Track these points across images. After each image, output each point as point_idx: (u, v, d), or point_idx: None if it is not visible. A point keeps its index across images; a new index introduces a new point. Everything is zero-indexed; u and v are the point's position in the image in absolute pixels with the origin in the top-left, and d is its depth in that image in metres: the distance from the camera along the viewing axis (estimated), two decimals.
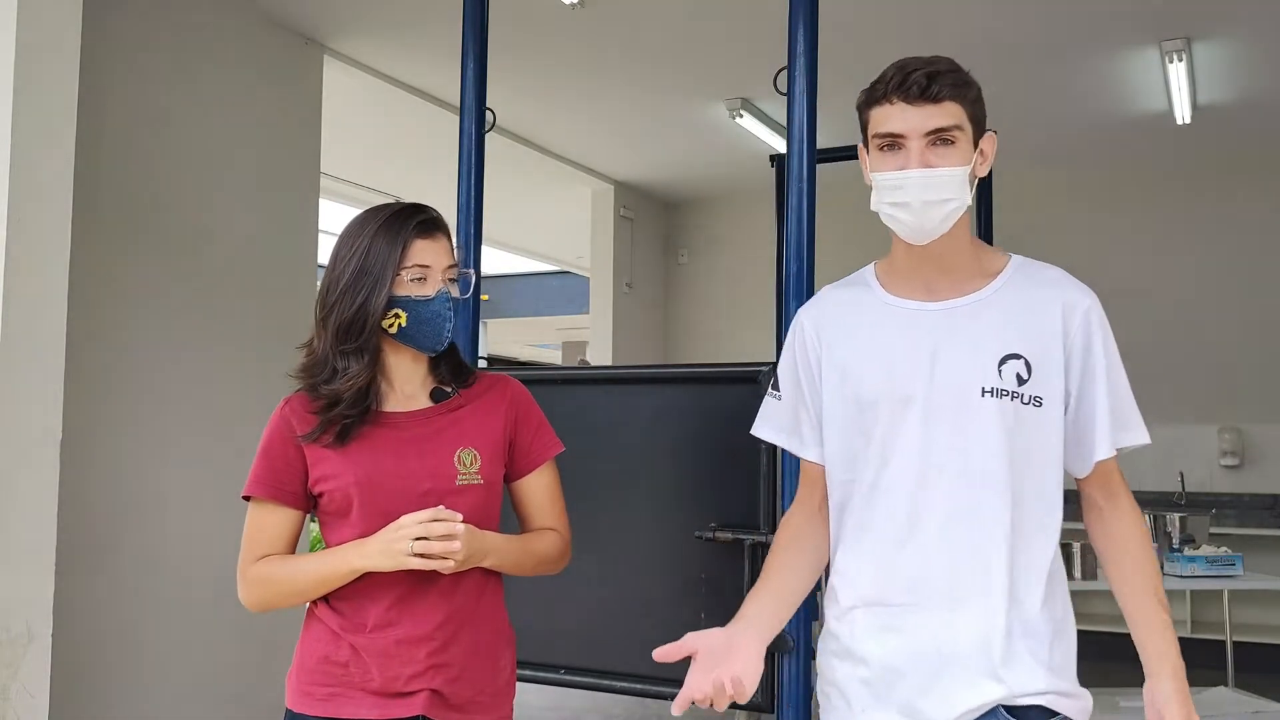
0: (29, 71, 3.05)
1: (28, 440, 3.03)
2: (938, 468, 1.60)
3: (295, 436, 1.76)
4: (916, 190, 1.58)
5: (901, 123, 1.59)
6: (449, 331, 1.77)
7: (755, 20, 4.76)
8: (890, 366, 1.64)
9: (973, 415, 1.59)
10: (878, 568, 1.63)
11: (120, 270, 4.25)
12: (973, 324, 1.62)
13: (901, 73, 1.60)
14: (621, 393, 2.54)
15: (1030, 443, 1.60)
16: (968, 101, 1.61)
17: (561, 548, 1.89)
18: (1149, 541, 1.71)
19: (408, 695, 1.71)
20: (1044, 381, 1.60)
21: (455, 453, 1.77)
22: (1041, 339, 1.61)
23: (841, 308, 1.74)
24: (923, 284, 1.67)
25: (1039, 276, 1.67)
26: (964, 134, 1.61)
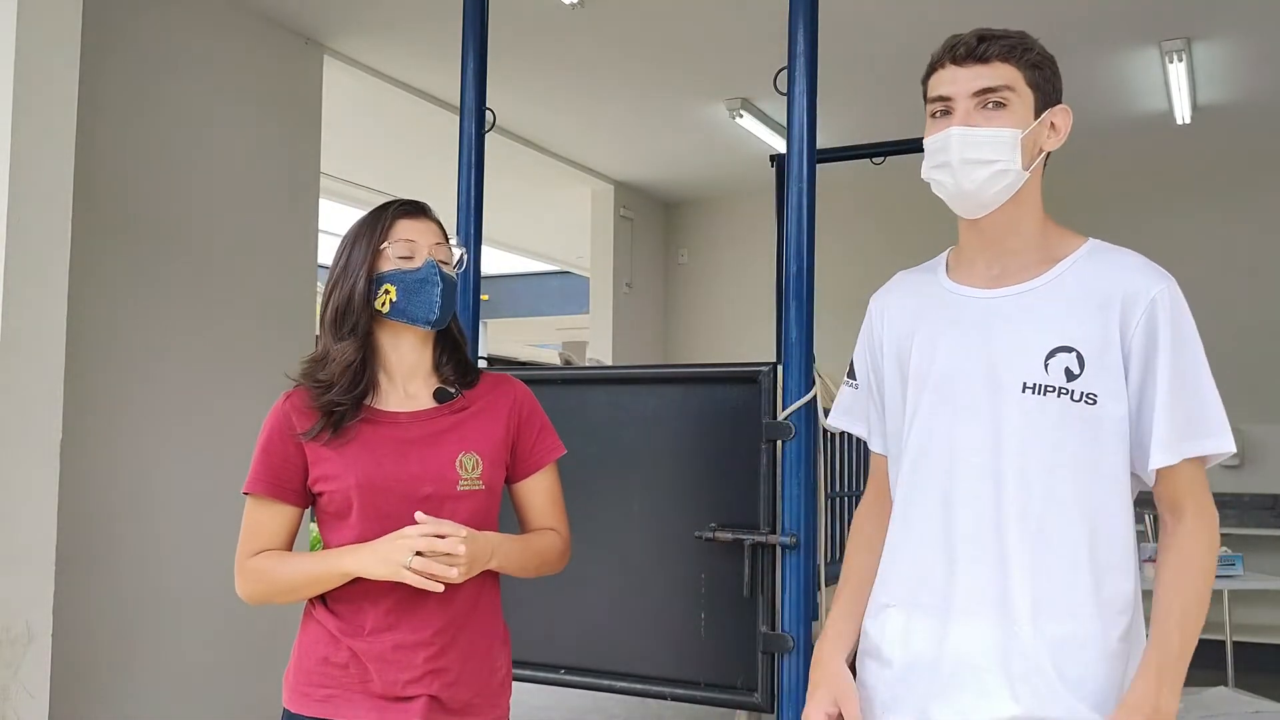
0: (29, 71, 3.05)
1: (28, 440, 3.03)
2: (973, 467, 1.51)
3: (295, 433, 1.75)
4: (958, 148, 1.50)
5: (950, 84, 1.53)
6: (439, 297, 1.75)
7: (755, 20, 4.76)
8: (935, 357, 1.57)
9: (1010, 412, 1.49)
10: (910, 566, 1.57)
11: (120, 270, 4.25)
12: (1024, 313, 1.52)
13: (954, 38, 1.55)
14: (621, 393, 2.54)
15: (1079, 445, 1.47)
16: (1025, 65, 1.54)
17: (561, 548, 1.89)
18: (1198, 569, 1.48)
19: (406, 700, 1.70)
20: (1099, 377, 1.47)
21: (457, 457, 1.76)
22: (1100, 330, 1.48)
23: (906, 294, 1.68)
24: (984, 269, 1.58)
25: (1109, 261, 1.53)
26: (1018, 96, 1.53)
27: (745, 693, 2.32)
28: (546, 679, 2.52)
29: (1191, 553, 1.48)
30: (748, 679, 2.31)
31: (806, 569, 2.26)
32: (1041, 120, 1.56)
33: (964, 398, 1.53)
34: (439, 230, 1.83)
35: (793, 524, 2.24)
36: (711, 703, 2.47)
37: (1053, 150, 1.60)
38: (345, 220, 9.50)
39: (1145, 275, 1.51)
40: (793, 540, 2.24)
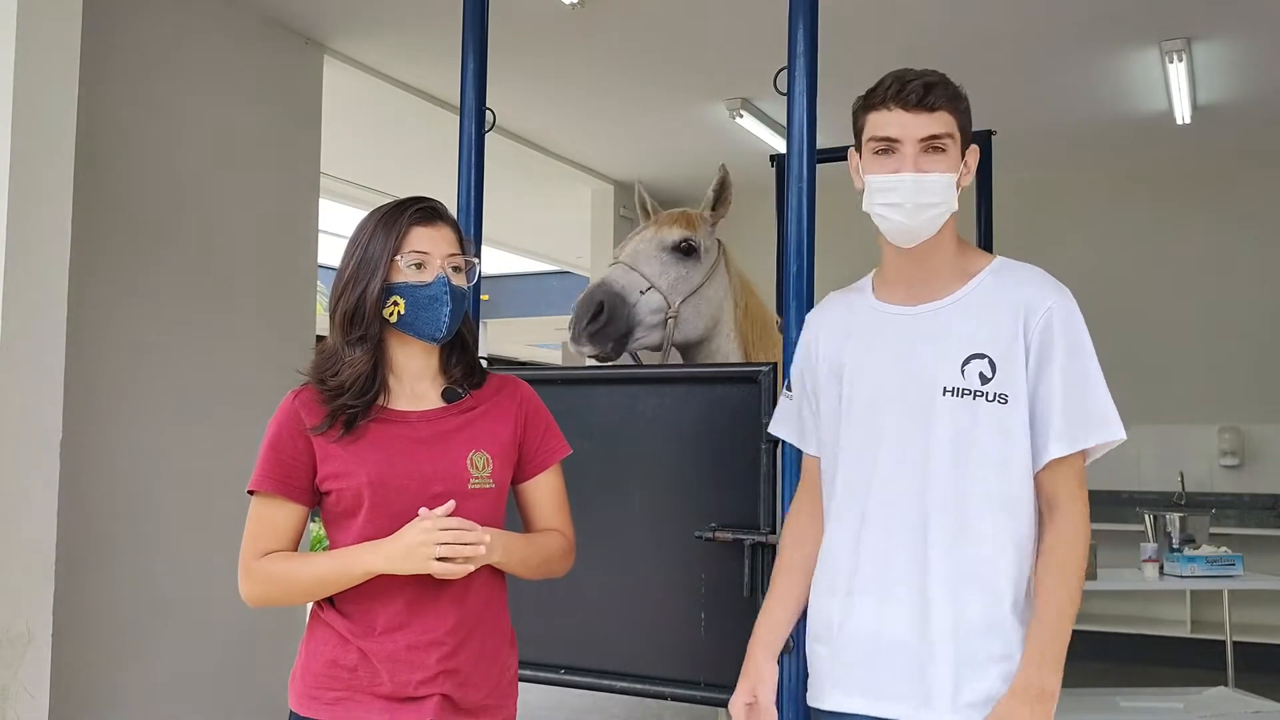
0: (29, 71, 3.05)
1: (28, 440, 3.03)
2: (897, 464, 1.69)
3: (305, 429, 1.74)
4: (909, 193, 1.67)
5: (898, 128, 1.68)
6: (446, 317, 1.75)
7: (755, 20, 4.76)
8: (867, 368, 1.74)
9: (934, 414, 1.67)
10: (846, 558, 1.73)
11: (120, 270, 4.25)
12: (943, 325, 1.70)
13: (899, 81, 1.69)
14: (621, 393, 2.54)
15: (992, 441, 1.65)
16: (959, 113, 1.71)
17: (566, 549, 1.89)
18: (1075, 562, 1.65)
19: (418, 700, 1.70)
20: (1008, 380, 1.65)
21: (468, 455, 1.76)
22: (1005, 338, 1.66)
23: (838, 312, 1.85)
24: (905, 288, 1.76)
25: (1013, 277, 1.73)
26: (954, 143, 1.70)
27: None
28: (546, 679, 2.52)
29: (1071, 545, 1.65)
30: None
31: None
32: (963, 161, 1.74)
33: (892, 403, 1.70)
34: (453, 236, 1.81)
35: None
36: (711, 703, 2.46)
37: (967, 185, 1.77)
38: (345, 220, 9.48)
39: (1043, 287, 1.70)
40: None
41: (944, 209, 1.69)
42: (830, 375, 1.80)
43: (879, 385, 1.72)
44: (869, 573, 1.70)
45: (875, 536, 1.70)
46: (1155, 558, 4.76)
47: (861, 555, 1.71)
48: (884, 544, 1.69)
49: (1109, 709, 4.36)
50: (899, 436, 1.69)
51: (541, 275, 14.72)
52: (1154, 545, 4.81)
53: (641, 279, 2.70)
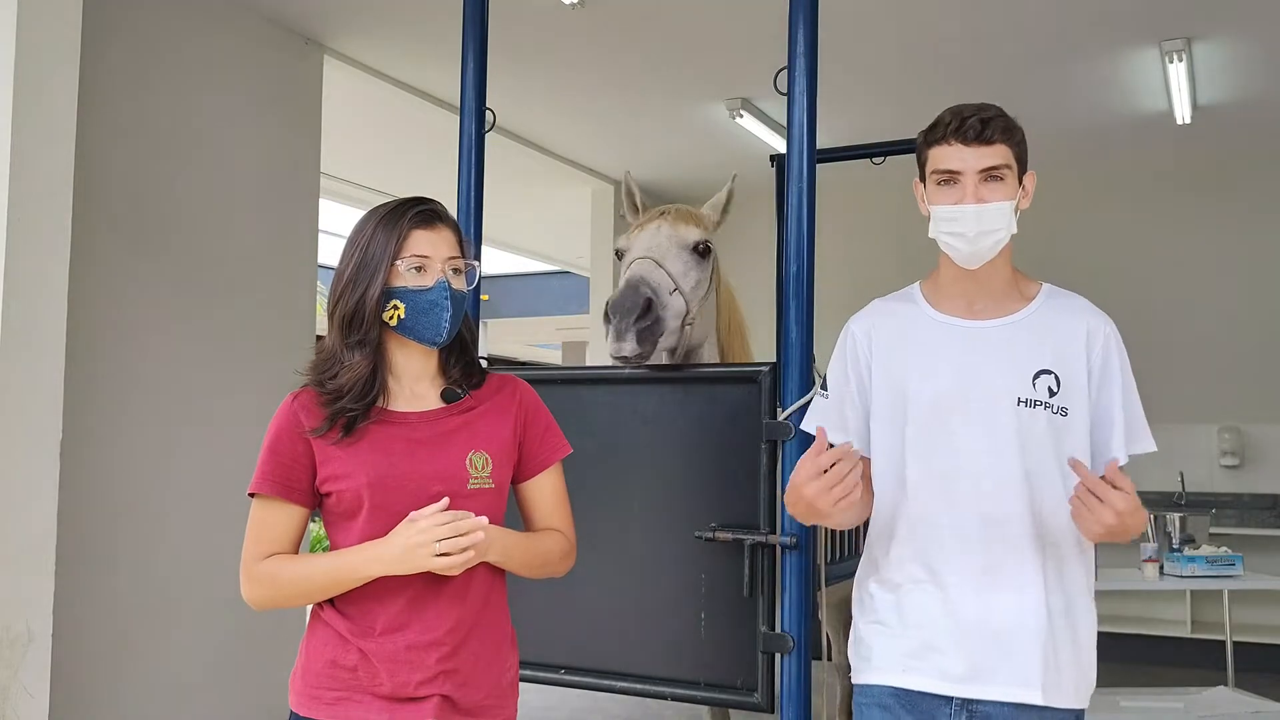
0: (29, 71, 3.05)
1: (28, 440, 3.03)
2: (972, 469, 1.80)
3: (304, 431, 1.74)
4: (971, 222, 1.80)
5: (959, 162, 1.81)
6: (447, 322, 1.74)
7: (755, 20, 4.76)
8: (936, 375, 1.84)
9: (1007, 421, 1.79)
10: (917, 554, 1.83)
11: (120, 270, 4.25)
12: (1011, 341, 1.84)
13: (958, 118, 1.82)
14: (621, 393, 2.54)
15: (1055, 449, 1.79)
16: (1014, 144, 1.83)
17: (566, 549, 1.89)
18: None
19: (418, 700, 1.70)
20: (1070, 395, 1.80)
21: (467, 455, 1.76)
22: (1069, 359, 1.82)
23: (892, 319, 1.94)
24: (965, 303, 1.88)
25: (1067, 304, 1.89)
26: (1011, 172, 1.83)
27: (745, 693, 2.32)
28: (546, 679, 2.52)
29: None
30: (748, 679, 2.31)
31: (806, 569, 2.26)
32: (1021, 186, 1.86)
33: (964, 409, 1.81)
34: (454, 238, 1.81)
35: (793, 524, 2.24)
36: (711, 703, 2.47)
37: (1025, 208, 1.89)
38: (345, 220, 9.47)
39: (1098, 316, 1.89)
40: (793, 540, 2.24)
41: (1004, 234, 1.82)
42: (888, 381, 1.89)
43: (948, 392, 1.83)
44: (965, 567, 1.79)
45: (952, 539, 1.80)
46: (1155, 558, 4.76)
47: (936, 556, 1.81)
48: (963, 548, 1.80)
49: (1109, 709, 4.36)
50: (973, 441, 1.80)
51: (541, 275, 14.73)
52: (1154, 545, 4.81)
53: (668, 279, 2.54)
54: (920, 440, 1.84)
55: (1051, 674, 1.76)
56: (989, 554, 1.79)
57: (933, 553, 1.82)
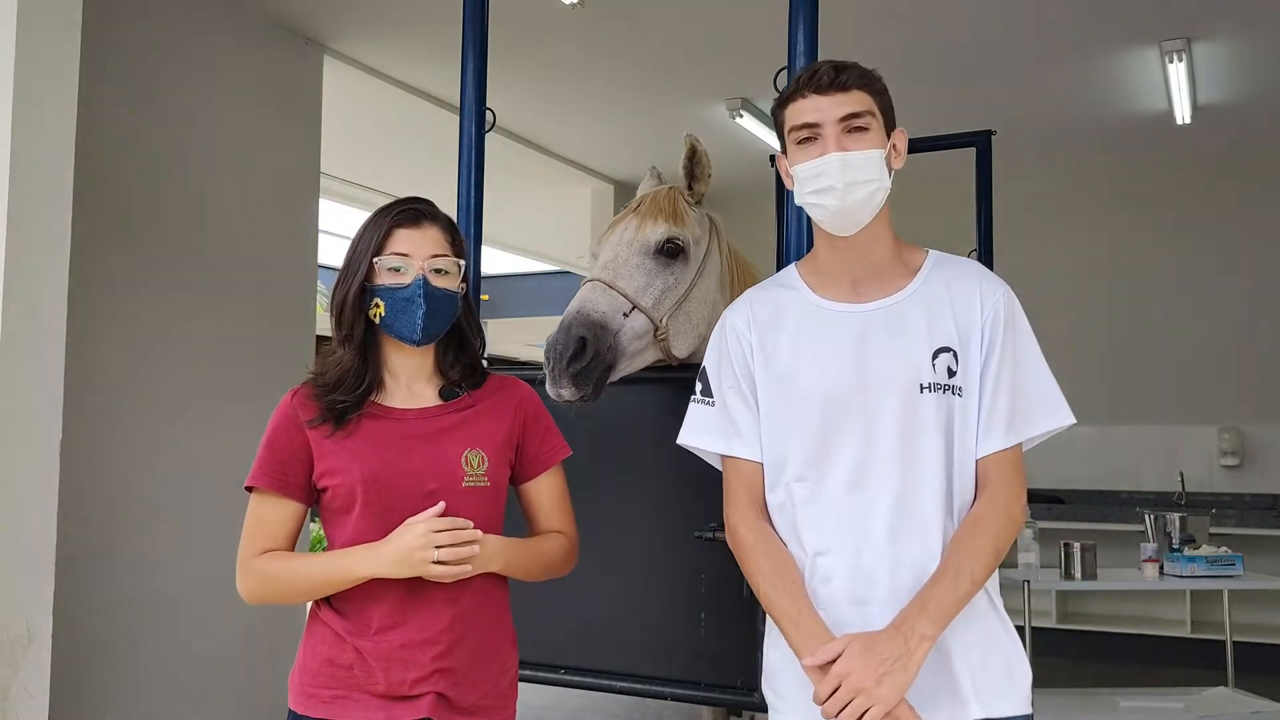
0: (29, 71, 3.05)
1: (28, 440, 3.03)
2: (881, 464, 1.64)
3: (301, 424, 1.75)
4: (837, 173, 1.64)
5: (815, 112, 1.66)
6: (421, 319, 1.74)
7: (755, 20, 4.75)
8: (827, 368, 1.67)
9: (913, 411, 1.64)
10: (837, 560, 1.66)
11: (120, 270, 4.25)
12: (903, 322, 1.67)
13: (810, 70, 1.70)
14: (621, 393, 2.54)
15: (954, 433, 1.65)
16: (875, 92, 1.69)
17: (568, 550, 1.89)
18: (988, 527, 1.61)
19: (413, 699, 1.70)
20: (966, 372, 1.65)
21: (463, 454, 1.76)
22: (965, 331, 1.66)
23: (771, 309, 1.77)
24: (849, 283, 1.72)
25: (958, 270, 1.72)
26: (876, 121, 1.68)
27: (745, 693, 2.32)
28: (546, 679, 2.51)
29: (995, 515, 1.62)
30: (748, 679, 2.31)
31: None
32: (890, 141, 1.71)
33: (856, 403, 1.65)
34: (440, 237, 1.80)
35: None
36: (711, 703, 2.47)
37: (898, 169, 1.72)
38: (345, 220, 9.46)
39: (989, 280, 1.71)
40: None
41: (875, 186, 1.66)
42: (774, 376, 1.72)
43: (838, 384, 1.66)
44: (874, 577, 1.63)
45: (872, 541, 1.63)
46: (1155, 558, 4.76)
47: (862, 560, 1.64)
48: (885, 548, 1.63)
49: (1109, 709, 4.36)
50: (872, 435, 1.63)
51: (541, 275, 14.73)
52: (1154, 545, 4.81)
53: (623, 299, 2.27)
54: (817, 443, 1.66)
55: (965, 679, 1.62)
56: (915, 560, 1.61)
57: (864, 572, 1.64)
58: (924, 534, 1.63)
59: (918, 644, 1.52)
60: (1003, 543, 1.61)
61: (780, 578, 1.67)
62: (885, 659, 1.50)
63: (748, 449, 1.75)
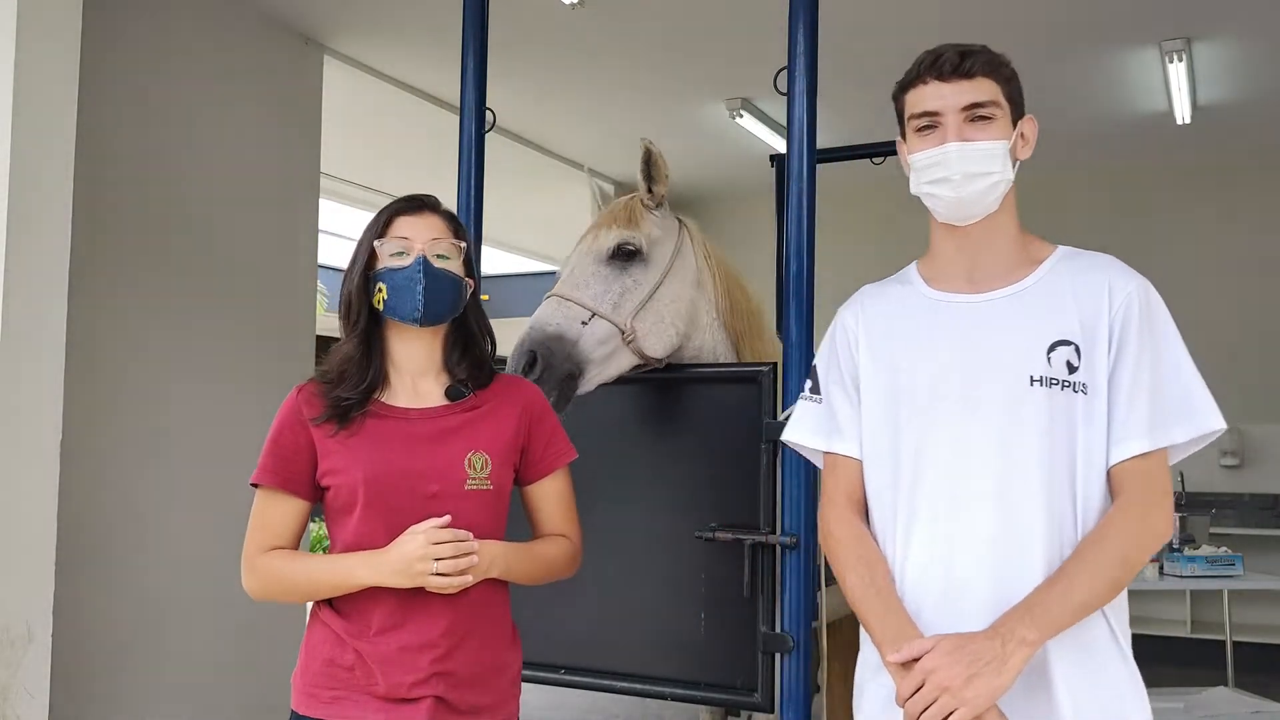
0: (29, 72, 3.05)
1: (28, 440, 3.03)
2: (980, 462, 1.54)
3: (306, 421, 1.75)
4: (956, 163, 1.56)
5: (937, 100, 1.58)
6: (421, 295, 1.73)
7: (755, 20, 4.75)
8: (935, 361, 1.60)
9: (1017, 406, 1.53)
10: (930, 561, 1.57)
11: (119, 270, 4.25)
12: (1019, 312, 1.58)
13: (933, 54, 1.61)
14: (622, 393, 2.54)
15: (1076, 433, 1.52)
16: (1002, 79, 1.60)
17: (571, 554, 1.89)
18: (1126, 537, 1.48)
19: (412, 701, 1.70)
20: (1090, 369, 1.53)
21: (466, 455, 1.76)
22: (1090, 325, 1.54)
23: (883, 304, 1.72)
24: (965, 275, 1.64)
25: (1086, 262, 1.61)
26: (1001, 110, 1.59)
27: (745, 693, 2.32)
28: (546, 679, 2.51)
29: (1114, 525, 1.49)
30: (748, 679, 2.31)
31: (806, 569, 2.26)
32: (1017, 130, 1.62)
33: (958, 398, 1.57)
34: (442, 224, 1.82)
35: (793, 524, 2.24)
36: (711, 703, 2.46)
37: (1025, 159, 1.64)
38: (345, 220, 9.42)
39: (1124, 272, 1.59)
40: (793, 540, 2.24)
41: (996, 179, 1.57)
42: (881, 372, 1.66)
43: (947, 380, 1.58)
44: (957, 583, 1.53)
45: (970, 551, 1.53)
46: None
47: (955, 563, 1.54)
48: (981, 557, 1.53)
49: None
50: (972, 431, 1.55)
51: (542, 275, 14.71)
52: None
53: (580, 309, 2.30)
54: (918, 438, 1.59)
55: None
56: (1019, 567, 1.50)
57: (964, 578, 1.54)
58: (1024, 540, 1.51)
59: (1016, 647, 1.40)
60: (1134, 556, 1.48)
61: (869, 573, 1.60)
62: (977, 659, 1.39)
63: (847, 446, 1.70)
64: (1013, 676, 1.39)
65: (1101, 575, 1.46)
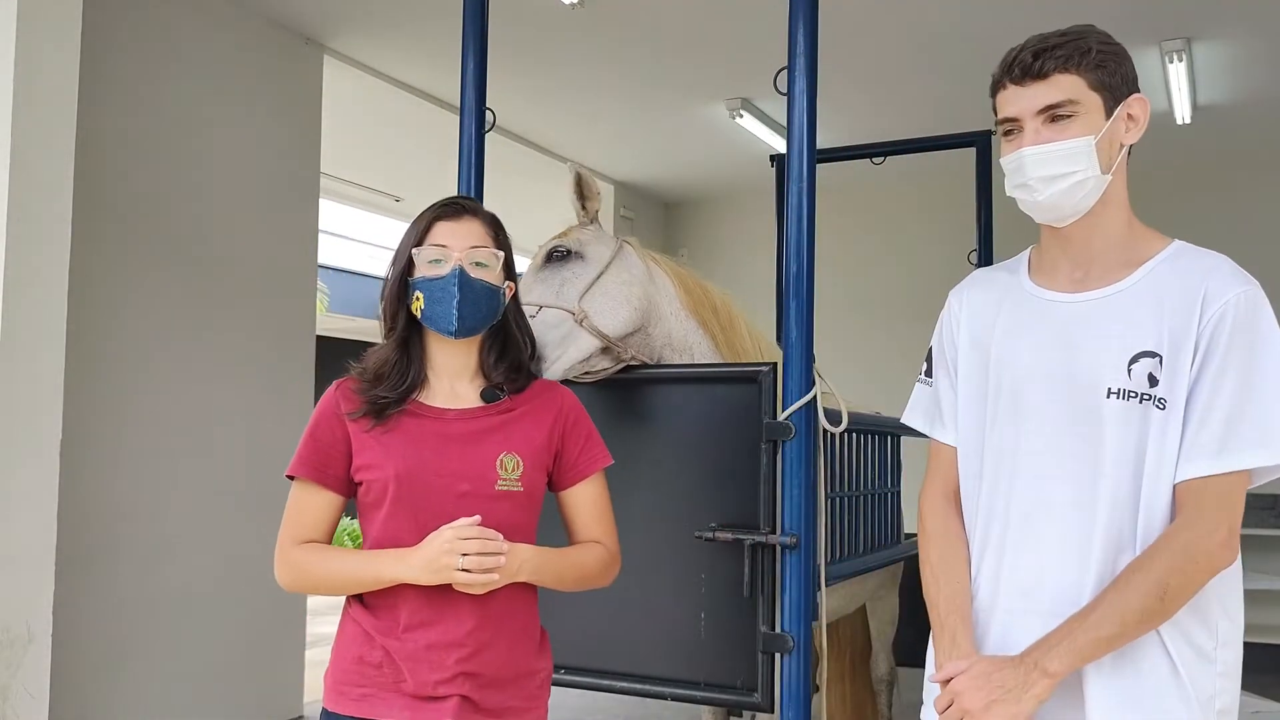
0: (29, 71, 3.05)
1: (28, 440, 3.03)
2: (1053, 470, 1.54)
3: (342, 415, 1.76)
4: (1032, 167, 1.53)
5: (1014, 106, 1.56)
6: (455, 308, 1.74)
7: (755, 20, 4.76)
8: (1019, 360, 1.59)
9: (1095, 417, 1.51)
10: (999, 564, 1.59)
11: (120, 270, 4.25)
12: (1107, 318, 1.53)
13: (1011, 54, 1.57)
14: (621, 393, 2.54)
15: (1150, 448, 1.49)
16: (1085, 70, 1.53)
17: (606, 562, 1.87)
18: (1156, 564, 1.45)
19: (438, 700, 1.70)
20: (1173, 382, 1.48)
21: (498, 457, 1.76)
22: (1178, 334, 1.48)
23: (987, 291, 1.70)
24: (1067, 273, 1.60)
25: (1193, 265, 1.54)
26: (1083, 105, 1.53)
27: (745, 693, 2.32)
28: None
29: (1157, 549, 1.47)
30: (748, 679, 2.31)
31: (806, 569, 2.26)
32: (1116, 117, 1.55)
33: (1047, 401, 1.55)
34: (482, 230, 1.82)
35: (793, 524, 2.24)
36: (711, 703, 2.46)
37: (1134, 142, 1.58)
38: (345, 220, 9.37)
39: (1226, 277, 1.52)
40: (793, 540, 2.24)
41: (1081, 177, 1.52)
42: (976, 360, 1.65)
43: (1031, 380, 1.56)
44: (1019, 588, 1.56)
45: (1025, 555, 1.55)
46: None
47: (1009, 575, 1.57)
48: (1036, 564, 1.55)
49: None
50: (1055, 441, 1.53)
51: None
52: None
53: (529, 307, 2.35)
54: (995, 437, 1.59)
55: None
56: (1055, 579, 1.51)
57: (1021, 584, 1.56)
58: (1083, 554, 1.51)
59: (1037, 679, 1.44)
60: (1176, 585, 1.44)
61: (945, 573, 1.63)
62: (1000, 687, 1.45)
63: (946, 433, 1.70)
64: (1033, 706, 1.44)
65: (1134, 605, 1.44)
